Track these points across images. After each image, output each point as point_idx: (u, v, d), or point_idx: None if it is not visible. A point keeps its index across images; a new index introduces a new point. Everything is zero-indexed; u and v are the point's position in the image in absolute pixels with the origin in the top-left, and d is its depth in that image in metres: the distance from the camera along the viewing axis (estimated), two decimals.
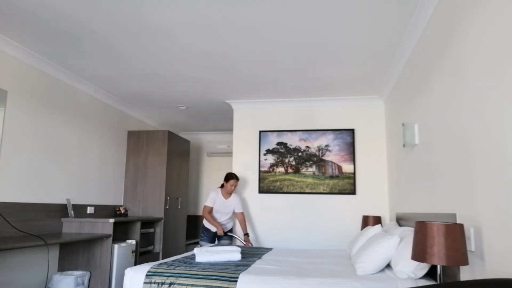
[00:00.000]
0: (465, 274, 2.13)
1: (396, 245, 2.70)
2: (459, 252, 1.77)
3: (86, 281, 4.00)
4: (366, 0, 2.66)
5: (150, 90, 4.79)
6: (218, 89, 4.69)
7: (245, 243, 4.53)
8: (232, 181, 4.59)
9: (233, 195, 4.72)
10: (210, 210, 4.59)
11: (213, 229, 4.63)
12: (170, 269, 2.73)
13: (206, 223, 4.69)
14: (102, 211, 4.96)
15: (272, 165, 5.05)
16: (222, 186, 4.69)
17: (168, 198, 5.58)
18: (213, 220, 4.52)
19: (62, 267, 4.19)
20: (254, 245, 4.91)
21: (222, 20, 2.96)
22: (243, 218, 4.65)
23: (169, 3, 2.72)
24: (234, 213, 4.70)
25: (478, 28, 1.89)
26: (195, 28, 3.10)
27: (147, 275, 2.69)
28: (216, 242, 4.69)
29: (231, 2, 2.70)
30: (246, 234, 4.58)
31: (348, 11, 2.80)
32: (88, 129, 4.73)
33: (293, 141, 5.05)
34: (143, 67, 4.00)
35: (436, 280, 2.56)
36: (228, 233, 4.62)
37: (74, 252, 4.19)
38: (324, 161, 4.93)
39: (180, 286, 2.61)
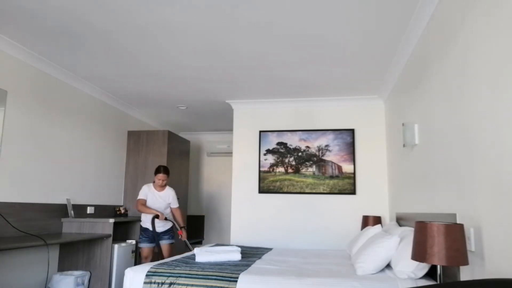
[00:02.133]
0: (465, 274, 2.13)
1: (396, 245, 2.70)
2: (459, 252, 1.77)
3: (86, 281, 4.00)
4: (367, 0, 2.66)
5: (150, 90, 4.79)
6: (218, 89, 4.69)
7: (180, 233, 4.29)
8: (160, 175, 4.26)
9: (167, 187, 4.40)
10: (144, 203, 4.25)
11: (145, 225, 4.32)
12: (170, 269, 2.73)
13: (143, 223, 4.34)
14: (102, 211, 4.96)
15: (272, 165, 5.05)
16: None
17: None
18: (149, 208, 4.19)
19: (62, 267, 4.19)
20: (253, 245, 4.91)
21: (222, 20, 2.96)
22: (179, 213, 4.41)
23: (170, 3, 2.72)
24: (170, 208, 4.44)
25: (479, 28, 1.89)
26: (195, 28, 3.10)
27: (147, 275, 2.69)
28: (158, 242, 4.29)
29: (232, 2, 2.69)
30: (183, 227, 4.35)
31: (348, 11, 2.80)
32: (88, 129, 4.73)
33: (293, 141, 5.05)
34: (143, 67, 4.00)
35: (436, 280, 2.56)
36: (167, 219, 4.28)
37: (74, 252, 4.19)
38: (324, 161, 4.93)
39: (180, 286, 2.61)
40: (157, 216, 4.12)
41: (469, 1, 2.01)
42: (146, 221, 4.31)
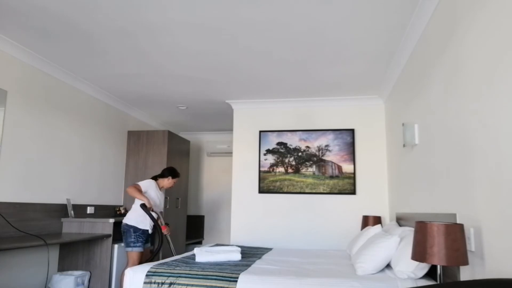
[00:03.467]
0: (465, 274, 2.13)
1: (396, 245, 2.70)
2: (459, 252, 1.77)
3: (86, 281, 4.00)
4: (367, 0, 2.66)
5: (150, 90, 4.79)
6: (218, 89, 4.69)
7: (164, 228, 4.02)
8: (177, 179, 4.20)
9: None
10: (141, 190, 3.93)
11: (145, 227, 3.95)
12: (170, 269, 2.73)
13: (137, 223, 3.89)
14: (102, 211, 4.96)
15: (272, 165, 5.05)
16: (154, 178, 4.18)
17: (168, 198, 5.58)
18: (142, 195, 3.85)
19: (62, 267, 4.19)
20: (253, 245, 4.91)
21: (222, 19, 2.96)
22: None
23: (169, 3, 2.72)
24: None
25: (478, 28, 1.89)
26: (195, 28, 3.10)
27: (147, 275, 2.69)
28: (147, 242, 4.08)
29: (232, 1, 2.69)
30: (167, 224, 4.19)
31: (348, 11, 2.80)
32: (88, 129, 4.73)
33: (293, 141, 5.05)
34: (143, 67, 3.99)
35: (436, 280, 2.56)
36: (153, 211, 3.96)
37: (74, 252, 4.19)
38: (324, 161, 4.93)
39: (180, 286, 2.61)
40: (144, 205, 3.80)
41: (468, 0, 2.01)
42: (139, 220, 3.90)
